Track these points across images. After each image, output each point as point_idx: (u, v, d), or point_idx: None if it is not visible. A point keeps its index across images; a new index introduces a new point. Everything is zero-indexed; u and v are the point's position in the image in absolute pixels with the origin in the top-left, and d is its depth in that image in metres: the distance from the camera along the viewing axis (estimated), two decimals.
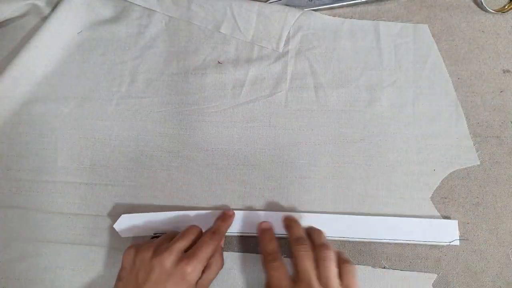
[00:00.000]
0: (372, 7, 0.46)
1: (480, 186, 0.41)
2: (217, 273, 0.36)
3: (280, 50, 0.45)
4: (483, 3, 0.45)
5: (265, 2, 0.46)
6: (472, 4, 0.46)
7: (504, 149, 0.42)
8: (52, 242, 0.40)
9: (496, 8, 0.46)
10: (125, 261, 0.34)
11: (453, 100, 0.43)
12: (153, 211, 0.40)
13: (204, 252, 0.34)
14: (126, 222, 0.40)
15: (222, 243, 0.38)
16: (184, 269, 0.32)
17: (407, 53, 0.45)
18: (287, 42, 0.45)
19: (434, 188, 0.41)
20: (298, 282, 0.32)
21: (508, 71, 0.44)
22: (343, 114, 0.43)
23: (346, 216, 0.40)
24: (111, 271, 0.40)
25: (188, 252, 0.34)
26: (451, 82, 0.44)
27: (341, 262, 0.33)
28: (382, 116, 0.43)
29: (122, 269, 0.34)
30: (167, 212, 0.40)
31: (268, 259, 0.34)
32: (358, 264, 0.39)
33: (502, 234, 0.40)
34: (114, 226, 0.39)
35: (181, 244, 0.34)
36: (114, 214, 0.41)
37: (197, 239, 0.35)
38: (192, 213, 0.40)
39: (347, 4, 0.46)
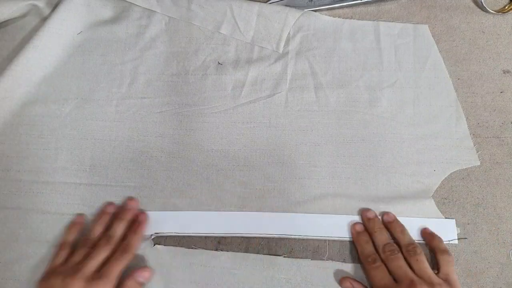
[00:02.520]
0: (372, 8, 0.46)
1: (480, 186, 0.41)
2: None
3: (280, 50, 0.45)
4: (483, 3, 0.45)
5: (265, 2, 0.46)
6: (472, 4, 0.46)
7: (504, 149, 0.42)
8: (52, 243, 0.40)
9: (497, 8, 0.46)
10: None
11: (453, 100, 0.43)
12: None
13: (115, 272, 0.35)
14: None
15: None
16: None
17: (407, 54, 0.45)
18: (287, 42, 0.45)
19: (434, 189, 0.41)
20: (399, 281, 0.34)
21: (508, 71, 0.44)
22: (343, 115, 0.43)
23: (346, 216, 0.40)
24: None
25: (100, 273, 0.34)
26: (451, 82, 0.44)
27: (439, 253, 0.37)
28: (382, 117, 0.43)
29: None
30: (170, 212, 0.40)
31: (368, 261, 0.36)
32: (359, 263, 0.39)
33: (502, 235, 0.40)
34: None
35: (92, 264, 0.35)
36: None
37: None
38: (196, 213, 0.40)
39: (347, 4, 0.46)
